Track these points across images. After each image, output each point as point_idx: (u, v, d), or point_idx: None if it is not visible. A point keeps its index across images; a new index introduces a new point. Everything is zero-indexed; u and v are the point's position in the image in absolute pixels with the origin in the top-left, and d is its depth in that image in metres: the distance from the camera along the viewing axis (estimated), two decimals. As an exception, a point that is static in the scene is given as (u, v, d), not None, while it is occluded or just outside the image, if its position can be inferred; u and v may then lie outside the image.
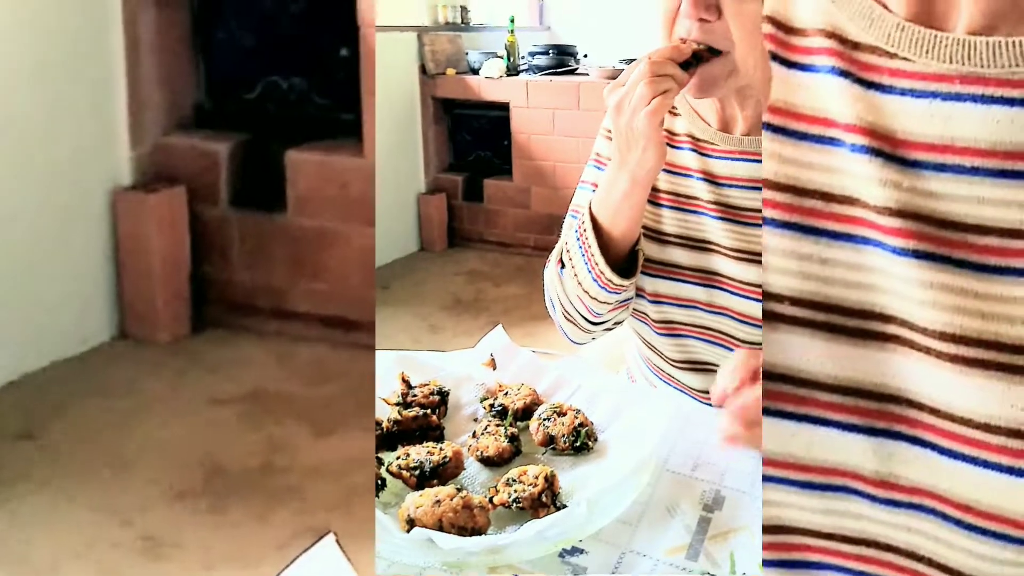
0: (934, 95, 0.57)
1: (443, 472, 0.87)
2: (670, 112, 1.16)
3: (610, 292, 1.10)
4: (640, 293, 1.17)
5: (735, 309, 1.11)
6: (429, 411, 0.98)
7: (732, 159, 1.11)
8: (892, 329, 0.58)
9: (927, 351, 0.56)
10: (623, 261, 1.10)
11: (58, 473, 1.96)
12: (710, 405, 1.14)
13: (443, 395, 1.02)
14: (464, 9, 5.09)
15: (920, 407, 0.57)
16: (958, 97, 0.56)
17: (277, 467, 2.02)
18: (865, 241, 0.59)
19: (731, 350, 1.12)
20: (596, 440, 0.95)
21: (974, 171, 0.56)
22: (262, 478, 1.98)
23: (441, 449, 0.89)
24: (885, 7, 0.61)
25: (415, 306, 3.74)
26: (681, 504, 0.87)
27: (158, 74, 2.55)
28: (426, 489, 0.83)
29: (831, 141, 0.61)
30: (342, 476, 1.96)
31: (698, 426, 1.01)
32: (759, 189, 1.09)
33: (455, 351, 1.16)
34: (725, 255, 1.11)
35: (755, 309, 1.08)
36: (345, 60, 2.50)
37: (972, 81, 0.56)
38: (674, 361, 1.20)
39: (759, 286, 1.06)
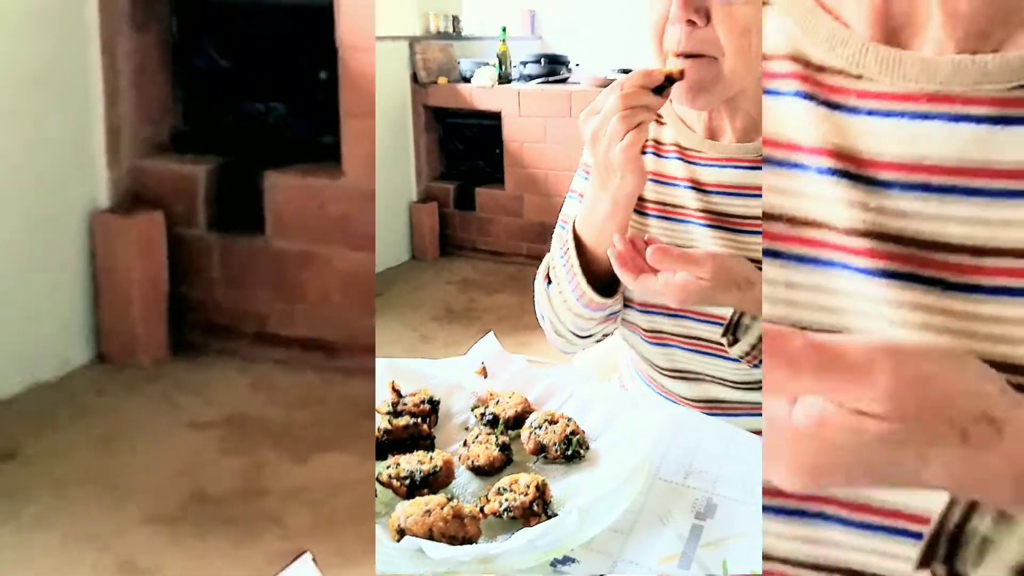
0: (900, 114, 0.57)
1: (434, 481, 0.87)
2: (656, 121, 1.17)
3: (593, 310, 1.12)
4: (629, 304, 1.17)
5: (725, 316, 1.10)
6: (420, 420, 0.97)
7: (720, 166, 1.11)
8: None
9: None
10: (608, 277, 1.10)
11: (35, 497, 1.94)
12: (702, 413, 1.15)
13: (434, 404, 1.01)
14: (456, 19, 5.10)
15: None
16: (924, 116, 0.57)
17: (256, 491, 2.00)
18: (831, 264, 0.60)
19: (721, 358, 1.12)
20: (588, 448, 0.95)
21: (942, 189, 0.56)
22: (241, 502, 1.96)
23: (432, 458, 0.88)
24: (849, 29, 0.61)
25: (407, 315, 3.73)
26: (673, 512, 0.86)
27: (136, 97, 2.54)
28: (416, 498, 0.83)
29: (796, 165, 0.62)
30: (322, 501, 1.94)
31: (690, 434, 1.01)
32: (747, 195, 1.10)
33: (446, 359, 1.15)
34: None
35: None
36: (324, 83, 2.49)
37: (938, 99, 0.56)
38: (664, 370, 1.20)
39: None
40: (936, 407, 0.46)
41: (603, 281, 1.10)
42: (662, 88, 0.97)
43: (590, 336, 1.19)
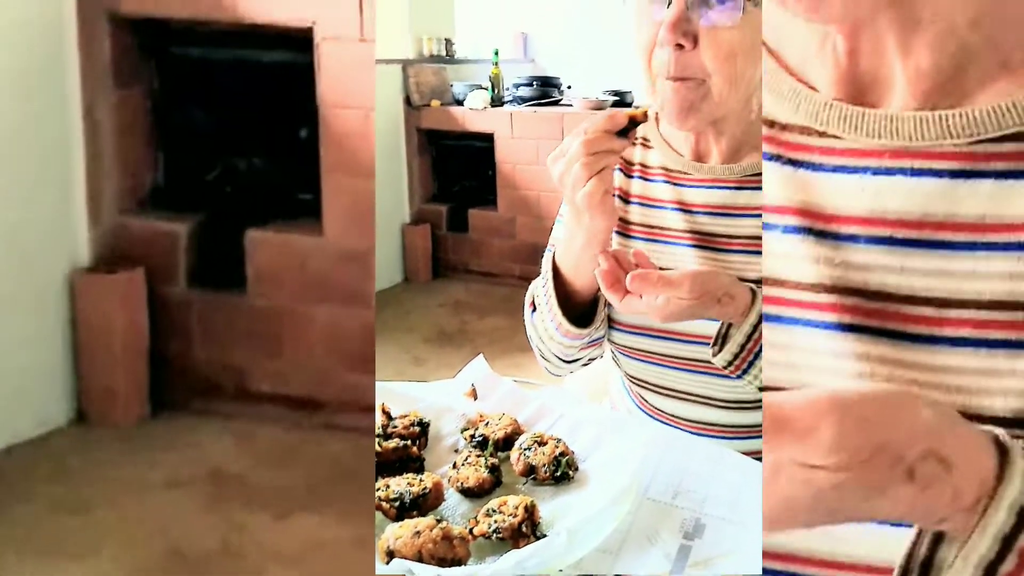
0: (864, 170, 0.59)
1: (423, 503, 0.87)
2: (643, 145, 1.19)
3: (571, 339, 1.14)
4: (617, 325, 1.18)
5: (711, 336, 1.11)
6: (409, 442, 0.98)
7: (706, 187, 1.13)
8: None
9: None
10: (586, 307, 1.13)
11: (13, 557, 1.91)
12: (691, 432, 1.15)
13: (423, 426, 1.01)
14: (449, 42, 5.14)
15: None
16: (888, 171, 0.58)
17: (236, 550, 1.97)
18: (794, 321, 0.61)
19: (710, 375, 1.13)
20: (577, 469, 0.95)
21: (905, 242, 0.57)
22: (221, 562, 1.93)
23: (421, 480, 0.88)
24: (812, 88, 0.62)
25: (399, 338, 3.73)
26: (661, 532, 0.87)
27: (117, 155, 2.54)
28: (406, 520, 0.83)
29: (763, 225, 0.63)
30: (302, 560, 1.92)
31: (678, 454, 1.02)
32: (733, 216, 1.11)
33: (436, 382, 1.16)
34: None
35: None
36: (304, 141, 2.49)
37: (900, 155, 0.58)
38: (654, 389, 1.21)
39: None
40: (880, 450, 0.48)
41: (582, 310, 1.12)
42: (627, 130, 0.98)
43: (576, 360, 1.22)
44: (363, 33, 2.25)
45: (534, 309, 1.18)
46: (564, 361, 1.21)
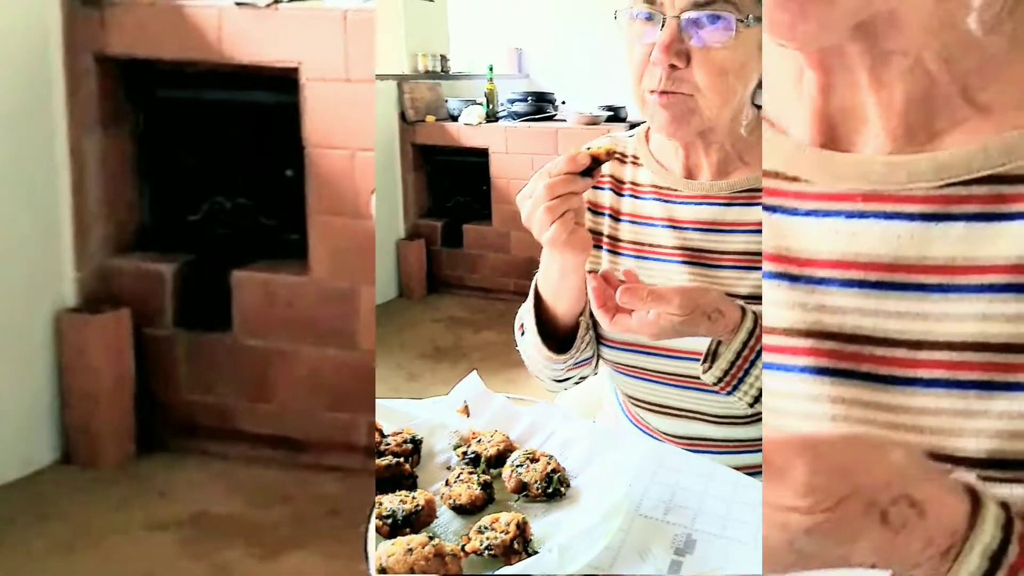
0: (836, 214, 0.59)
1: (416, 520, 0.87)
2: (634, 163, 1.20)
3: (554, 364, 1.16)
4: (608, 342, 1.19)
5: (702, 352, 1.12)
6: (402, 459, 0.98)
7: (696, 203, 1.14)
8: None
9: None
10: (567, 331, 1.15)
11: None
12: (684, 449, 1.16)
13: (416, 443, 1.02)
14: (444, 58, 5.16)
15: None
16: (860, 215, 0.59)
17: None
18: (770, 365, 0.62)
19: (701, 391, 1.13)
20: (568, 486, 0.95)
21: (879, 285, 0.58)
22: None
23: (414, 498, 0.89)
24: (785, 134, 0.63)
25: (394, 353, 3.72)
26: (653, 548, 0.87)
27: (103, 196, 2.54)
28: (398, 538, 0.83)
29: None
30: None
31: (670, 470, 1.02)
32: (723, 232, 1.12)
33: (429, 398, 1.16)
34: None
35: None
36: (290, 180, 2.50)
37: (872, 199, 0.59)
38: (647, 406, 1.21)
39: None
40: (854, 494, 0.48)
41: (565, 334, 1.15)
42: (591, 169, 0.98)
43: (566, 379, 1.24)
44: (348, 73, 2.24)
45: (523, 332, 1.20)
46: (555, 380, 1.23)
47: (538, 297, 1.15)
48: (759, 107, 1.15)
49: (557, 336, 1.16)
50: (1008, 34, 0.57)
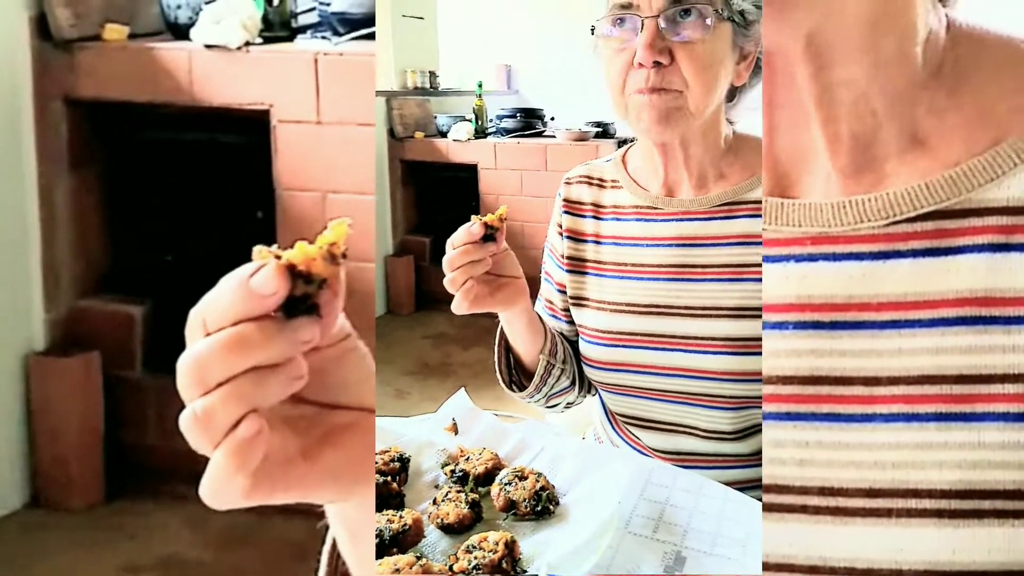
0: (787, 258, 0.61)
1: (403, 540, 0.86)
2: (613, 187, 1.21)
3: (520, 399, 1.23)
4: (593, 363, 1.20)
5: (694, 367, 1.12)
6: (389, 478, 0.97)
7: (677, 220, 1.16)
8: (770, 498, 0.59)
9: (803, 509, 0.58)
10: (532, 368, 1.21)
11: None
12: (673, 465, 1.15)
13: (403, 462, 1.01)
14: (433, 74, 5.18)
15: (798, 569, 0.58)
16: (810, 258, 0.60)
17: None
18: None
19: (690, 405, 1.14)
20: (558, 504, 0.95)
21: (833, 325, 0.59)
22: None
23: (401, 517, 0.88)
24: None
25: (381, 371, 3.71)
26: (642, 566, 0.87)
27: (73, 238, 2.53)
28: (386, 558, 0.82)
29: None
30: None
31: (659, 487, 1.02)
32: (705, 246, 1.14)
33: (417, 416, 1.16)
34: (679, 315, 1.13)
35: (715, 363, 1.11)
36: (260, 222, 2.48)
37: (821, 241, 0.60)
38: (636, 421, 1.21)
39: (719, 339, 1.09)
40: None
41: (532, 370, 1.20)
42: (490, 235, 1.01)
43: (556, 405, 1.27)
44: (320, 115, 2.23)
45: None
46: (545, 406, 1.26)
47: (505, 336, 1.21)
48: (731, 123, 1.18)
49: (529, 372, 1.21)
50: (950, 73, 0.59)
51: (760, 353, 1.07)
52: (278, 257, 0.43)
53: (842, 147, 0.59)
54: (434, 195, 4.85)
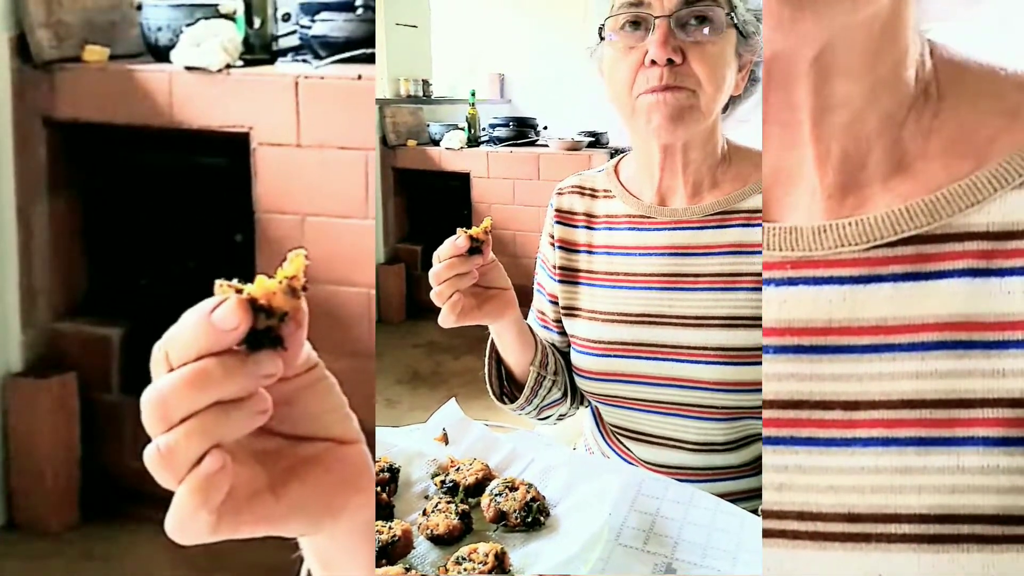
0: (768, 282, 0.61)
1: (392, 551, 0.86)
2: (605, 197, 1.21)
3: (510, 411, 1.23)
4: (585, 374, 1.20)
5: (686, 377, 1.12)
6: (378, 489, 0.97)
7: (670, 229, 1.16)
8: None
9: (782, 534, 0.58)
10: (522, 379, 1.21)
11: None
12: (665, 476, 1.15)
13: (393, 472, 1.01)
14: (426, 83, 5.18)
15: None
16: (791, 282, 0.60)
17: None
18: None
19: (680, 417, 1.14)
20: (548, 515, 0.95)
21: (813, 350, 0.59)
22: None
23: (390, 528, 0.88)
24: None
25: (372, 379, 3.70)
26: (632, 579, 0.86)
27: (51, 260, 2.51)
28: (375, 569, 0.82)
29: None
30: None
31: (650, 498, 1.01)
32: (698, 255, 1.14)
33: (407, 426, 1.15)
34: (671, 324, 1.13)
35: (708, 373, 1.10)
36: (239, 245, 2.46)
37: (801, 265, 0.60)
38: (629, 434, 1.21)
39: (711, 349, 1.09)
40: None
41: (523, 381, 1.20)
42: (475, 248, 1.02)
43: (547, 417, 1.27)
44: (300, 138, 2.22)
45: None
46: (537, 419, 1.26)
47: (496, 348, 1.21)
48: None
49: (520, 384, 1.21)
50: (933, 99, 0.59)
51: (752, 363, 1.08)
52: (239, 291, 0.43)
53: (831, 165, 0.60)
54: (426, 203, 4.84)
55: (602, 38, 1.11)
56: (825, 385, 0.58)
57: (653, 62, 1.04)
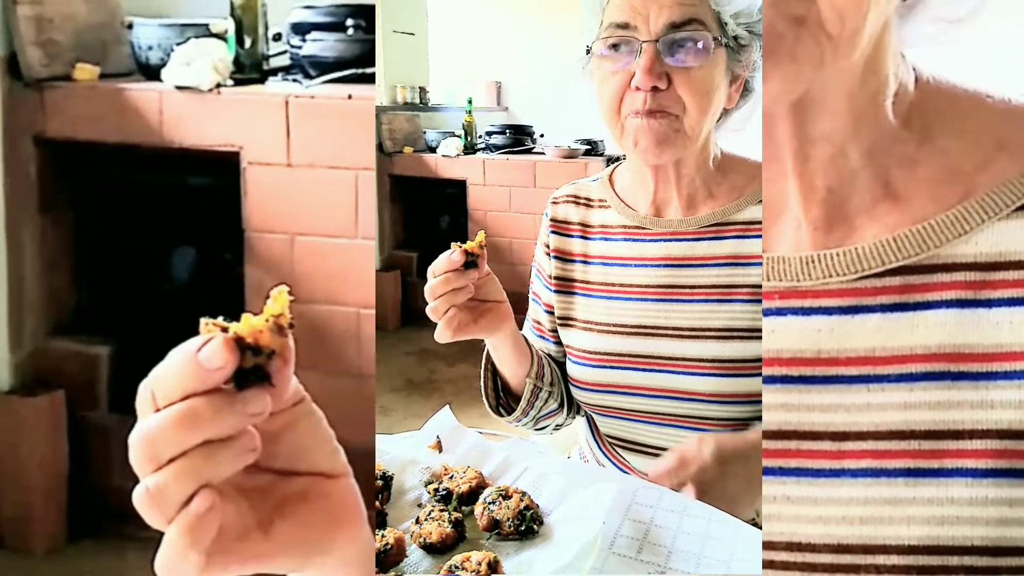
0: None
1: (385, 560, 0.86)
2: (600, 207, 1.21)
3: (507, 423, 1.22)
4: (583, 385, 1.19)
5: (681, 388, 1.12)
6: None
7: (665, 240, 1.16)
8: None
9: (770, 564, 0.58)
10: (518, 392, 1.20)
11: None
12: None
13: (386, 480, 1.00)
14: (423, 90, 5.18)
15: None
16: (779, 312, 0.60)
17: None
18: None
19: (676, 428, 1.13)
20: (542, 523, 0.94)
21: (802, 380, 0.59)
22: None
23: (383, 536, 0.87)
24: None
25: (367, 385, 3.68)
26: (626, 589, 0.86)
27: (40, 277, 2.50)
28: (367, 577, 0.81)
29: None
30: None
31: (644, 506, 1.01)
32: (693, 267, 1.14)
33: (400, 433, 1.15)
34: (666, 335, 1.13)
35: (703, 385, 1.10)
36: (228, 264, 2.45)
37: (790, 295, 0.60)
38: (625, 444, 1.21)
39: (707, 361, 1.09)
40: None
41: (519, 393, 1.19)
42: (469, 264, 1.01)
43: (544, 428, 1.26)
44: (290, 158, 2.22)
45: None
46: (532, 430, 1.26)
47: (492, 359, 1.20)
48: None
49: (516, 395, 1.20)
50: (918, 128, 0.59)
51: (748, 375, 1.08)
52: (225, 330, 0.43)
53: (816, 200, 0.60)
54: (422, 211, 4.84)
55: (590, 52, 1.11)
56: (814, 416, 0.58)
57: (638, 87, 1.04)
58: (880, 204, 0.59)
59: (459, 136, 4.67)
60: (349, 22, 2.22)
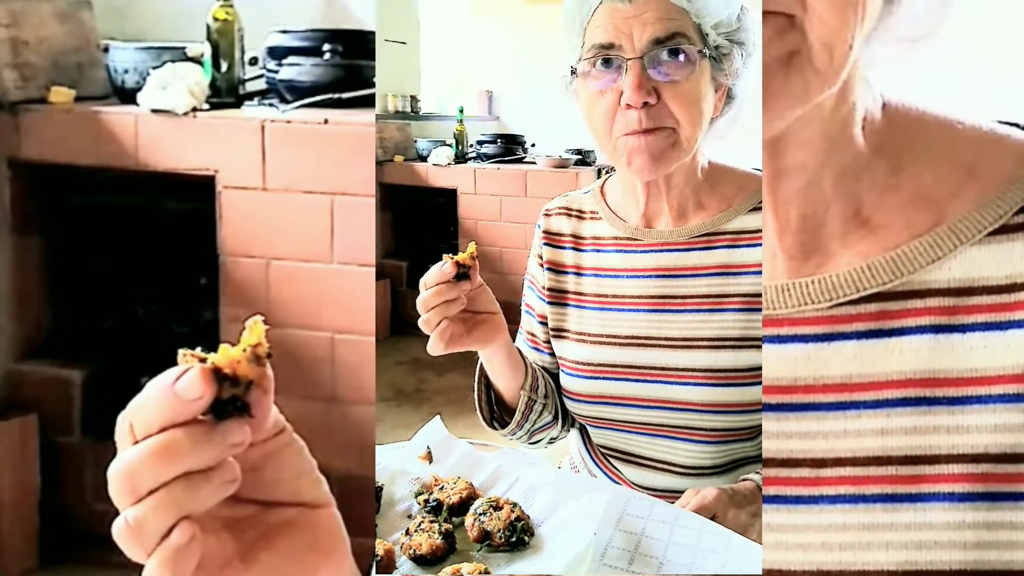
0: None
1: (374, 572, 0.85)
2: (592, 218, 1.21)
3: (502, 436, 1.21)
4: (576, 396, 1.19)
5: (674, 399, 1.12)
6: (362, 506, 0.96)
7: (656, 251, 1.16)
8: None
9: None
10: (512, 404, 1.19)
11: None
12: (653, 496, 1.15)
13: (376, 491, 1.00)
14: (414, 99, 5.19)
15: None
16: None
17: None
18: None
19: (671, 439, 1.13)
20: (532, 534, 0.94)
21: (779, 407, 0.59)
22: None
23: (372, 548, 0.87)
24: None
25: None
26: (617, 601, 0.86)
27: (13, 301, 2.47)
28: (356, 589, 0.81)
29: None
30: None
31: (635, 517, 1.01)
32: (684, 276, 1.14)
33: (390, 444, 1.14)
34: (659, 346, 1.13)
35: (696, 395, 1.10)
36: (204, 288, 2.43)
37: (766, 323, 0.60)
38: (618, 455, 1.20)
39: (699, 370, 1.09)
40: None
41: (513, 406, 1.18)
42: (463, 274, 1.01)
43: (539, 441, 1.26)
44: (265, 182, 2.20)
45: None
46: (527, 443, 1.25)
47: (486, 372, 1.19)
48: None
49: (510, 408, 1.19)
50: (889, 154, 0.60)
51: (739, 384, 1.08)
52: (203, 360, 0.42)
53: (790, 229, 0.60)
54: (413, 219, 4.84)
55: (575, 73, 1.11)
56: (792, 443, 0.58)
57: (629, 105, 1.03)
58: (853, 232, 0.59)
59: (450, 145, 4.67)
60: (326, 47, 2.23)
